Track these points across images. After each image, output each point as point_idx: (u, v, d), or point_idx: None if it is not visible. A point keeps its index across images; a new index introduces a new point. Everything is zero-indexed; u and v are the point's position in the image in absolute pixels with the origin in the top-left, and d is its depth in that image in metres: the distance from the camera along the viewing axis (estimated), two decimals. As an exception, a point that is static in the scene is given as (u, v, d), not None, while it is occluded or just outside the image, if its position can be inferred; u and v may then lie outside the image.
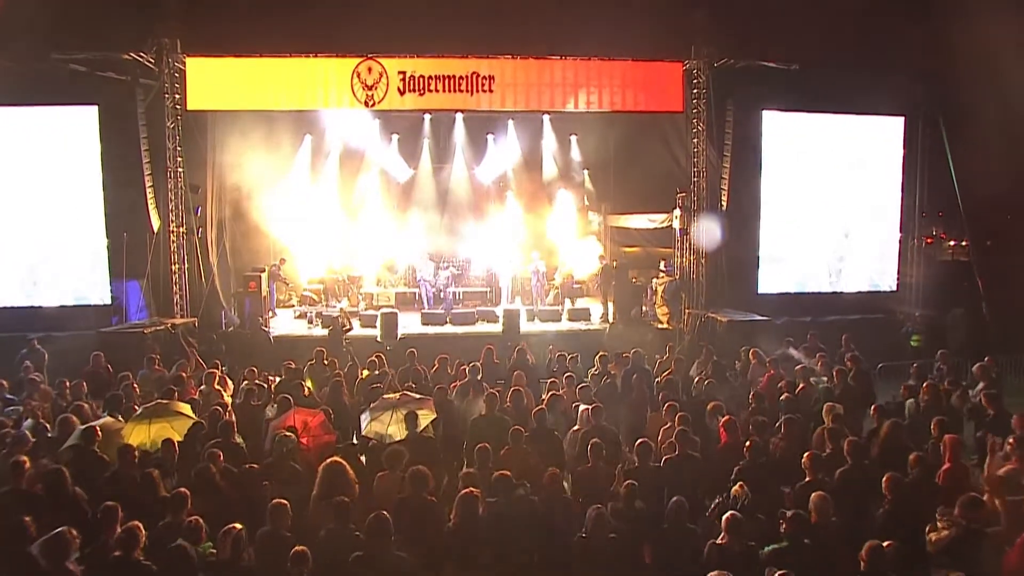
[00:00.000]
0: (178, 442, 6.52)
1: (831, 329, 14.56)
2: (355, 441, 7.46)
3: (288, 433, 6.55)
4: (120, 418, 7.54)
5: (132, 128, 13.26)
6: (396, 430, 6.78)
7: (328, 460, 5.45)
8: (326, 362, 10.28)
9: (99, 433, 6.63)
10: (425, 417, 6.98)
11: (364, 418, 6.84)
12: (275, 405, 7.80)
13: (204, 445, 6.51)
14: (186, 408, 7.01)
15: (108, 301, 13.80)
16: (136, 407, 7.74)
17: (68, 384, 8.85)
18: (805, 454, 6.01)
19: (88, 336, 12.19)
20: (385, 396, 7.17)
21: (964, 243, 17.09)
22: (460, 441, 7.34)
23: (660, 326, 15.49)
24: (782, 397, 8.24)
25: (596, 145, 19.33)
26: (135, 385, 8.65)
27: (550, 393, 8.33)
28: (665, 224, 16.85)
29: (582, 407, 7.72)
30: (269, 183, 16.99)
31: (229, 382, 9.94)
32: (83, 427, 6.75)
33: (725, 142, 15.00)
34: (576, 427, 7.51)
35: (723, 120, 14.93)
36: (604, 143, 19.28)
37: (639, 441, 6.43)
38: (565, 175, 19.89)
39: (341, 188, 18.72)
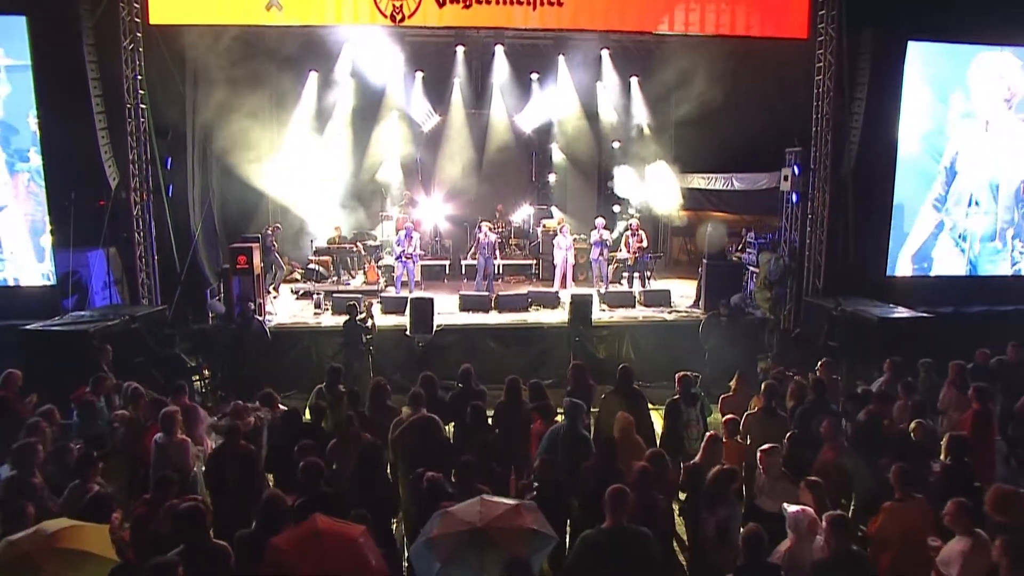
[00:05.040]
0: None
1: (980, 324, 11.45)
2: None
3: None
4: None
5: (75, 49, 9.75)
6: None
7: None
8: (343, 387, 7.01)
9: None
10: (537, 546, 3.74)
11: (426, 563, 3.54)
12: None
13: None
14: (99, 539, 3.66)
15: (53, 281, 10.49)
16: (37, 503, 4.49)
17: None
18: None
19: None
20: (450, 511, 3.86)
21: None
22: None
23: (761, 313, 12.17)
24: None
25: (663, 89, 15.75)
26: (38, 447, 5.16)
27: (717, 470, 5.08)
28: (761, 186, 13.46)
29: (792, 509, 4.48)
30: (267, 129, 13.68)
31: (204, 420, 6.73)
32: None
33: (859, 81, 11.45)
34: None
35: (857, 52, 11.36)
36: (674, 85, 15.68)
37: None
38: (624, 124, 16.39)
39: (355, 137, 15.30)
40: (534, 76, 15.92)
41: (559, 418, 6.45)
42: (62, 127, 10.00)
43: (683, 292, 13.53)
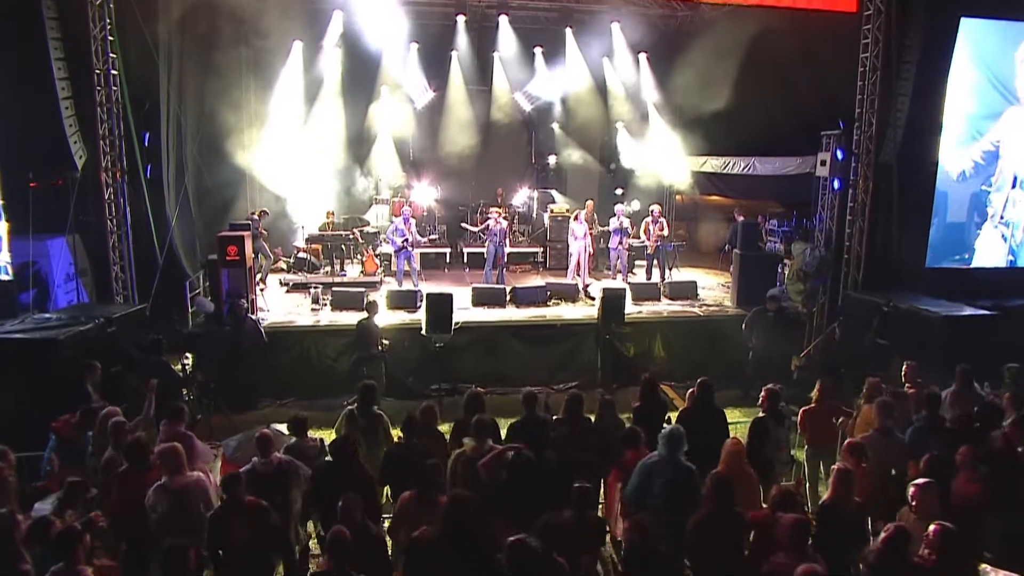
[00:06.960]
0: None
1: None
2: None
3: None
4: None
5: (32, 3, 8.24)
6: None
7: None
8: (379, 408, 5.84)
9: None
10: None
11: None
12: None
13: None
14: None
15: (9, 275, 9.02)
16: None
17: None
18: None
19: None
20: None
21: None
22: None
23: (790, 306, 11.32)
24: None
25: (676, 66, 14.70)
26: (17, 519, 3.89)
27: (887, 537, 4.00)
28: (789, 171, 12.64)
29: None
30: (249, 103, 12.28)
31: (202, 452, 5.52)
32: None
33: (906, 59, 10.61)
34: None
35: (907, 28, 10.51)
36: (688, 63, 14.63)
37: None
38: (632, 103, 15.34)
39: (344, 113, 13.93)
40: (538, 51, 14.77)
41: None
42: (17, 96, 8.46)
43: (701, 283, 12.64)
